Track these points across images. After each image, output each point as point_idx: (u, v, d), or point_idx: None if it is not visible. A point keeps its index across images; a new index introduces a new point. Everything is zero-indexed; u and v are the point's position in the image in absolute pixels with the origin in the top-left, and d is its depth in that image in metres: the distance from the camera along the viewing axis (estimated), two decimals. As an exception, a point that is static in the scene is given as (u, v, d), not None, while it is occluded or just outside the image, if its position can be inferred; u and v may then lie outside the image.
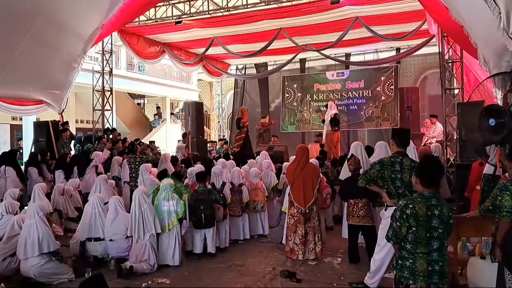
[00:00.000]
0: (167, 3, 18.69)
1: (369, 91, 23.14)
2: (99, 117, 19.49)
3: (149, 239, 9.44)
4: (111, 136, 18.10)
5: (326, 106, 21.20)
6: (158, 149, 19.93)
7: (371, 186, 7.70)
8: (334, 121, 20.00)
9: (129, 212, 9.83)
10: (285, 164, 13.54)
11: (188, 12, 18.62)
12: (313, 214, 10.08)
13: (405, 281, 5.24)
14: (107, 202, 10.24)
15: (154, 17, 19.30)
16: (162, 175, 11.44)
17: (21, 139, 21.82)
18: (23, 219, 9.07)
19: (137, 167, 14.13)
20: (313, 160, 11.53)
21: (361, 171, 9.56)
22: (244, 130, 21.41)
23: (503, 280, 5.58)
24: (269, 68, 27.50)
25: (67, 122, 17.57)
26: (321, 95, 24.50)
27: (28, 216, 8.87)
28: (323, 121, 21.00)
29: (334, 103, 21.98)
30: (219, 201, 10.54)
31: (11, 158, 13.88)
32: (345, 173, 10.42)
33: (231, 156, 17.76)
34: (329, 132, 20.04)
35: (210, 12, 18.31)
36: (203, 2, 18.33)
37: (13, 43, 12.76)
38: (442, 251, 5.20)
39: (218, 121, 32.55)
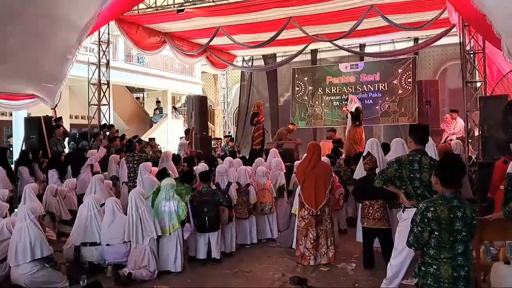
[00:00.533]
0: (168, -11, 18.64)
1: (385, 84, 23.13)
2: (95, 113, 19.44)
3: (148, 244, 9.40)
4: (107, 133, 18.08)
5: (347, 100, 21.05)
6: (159, 147, 19.97)
7: (388, 186, 7.65)
8: (356, 116, 19.88)
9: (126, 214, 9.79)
10: (297, 162, 13.29)
11: (191, -1, 18.53)
12: (325, 216, 10.03)
13: None
14: (104, 204, 10.21)
15: (154, 5, 19.14)
16: (162, 174, 11.39)
17: (11, 136, 21.87)
18: (13, 222, 9.02)
19: (135, 166, 14.02)
20: (324, 159, 11.50)
21: (377, 170, 9.55)
22: (260, 126, 21.44)
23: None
24: (278, 59, 27.44)
25: (60, 118, 17.57)
26: (334, 88, 24.45)
27: (18, 219, 8.80)
28: (347, 116, 20.76)
29: (331, 107, 22.13)
30: (224, 202, 10.46)
31: (0, 156, 13.85)
32: (360, 172, 10.37)
33: (237, 154, 17.81)
34: (351, 128, 19.95)
35: (214, -1, 18.23)
36: (207, -11, 18.21)
37: (2, 34, 12.72)
38: (467, 255, 5.12)
39: (223, 117, 32.51)
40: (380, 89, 23.27)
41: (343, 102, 22.68)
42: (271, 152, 15.06)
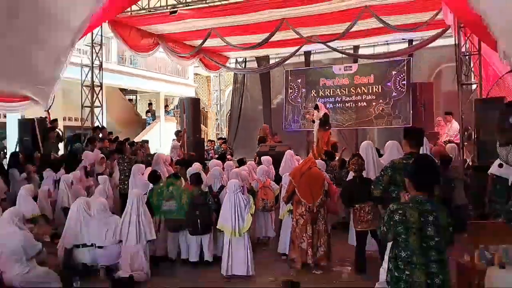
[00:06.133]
0: (161, -9, 18.62)
1: (379, 86, 23.03)
2: (88, 115, 19.37)
3: (144, 246, 9.51)
4: (100, 135, 17.96)
5: (316, 107, 20.24)
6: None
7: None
8: (325, 121, 19.33)
9: (120, 215, 9.94)
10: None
11: (184, 1, 18.48)
12: (320, 217, 10.00)
13: None
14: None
15: (147, 7, 19.10)
16: (153, 177, 11.43)
17: (4, 138, 21.79)
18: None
19: (125, 168, 14.26)
20: (318, 162, 11.56)
21: (364, 173, 9.90)
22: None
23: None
24: (271, 61, 27.40)
25: (56, 120, 17.42)
26: (327, 91, 24.36)
27: (3, 225, 8.79)
28: (313, 121, 20.12)
29: (323, 103, 21.63)
30: (212, 206, 10.41)
31: (-6, 158, 13.80)
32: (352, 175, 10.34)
33: (227, 156, 17.85)
34: (321, 132, 19.29)
35: (207, 1, 18.12)
36: (200, -9, 18.19)
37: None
38: (443, 263, 5.07)
39: (216, 119, 32.53)
40: (374, 91, 23.15)
41: (309, 109, 22.97)
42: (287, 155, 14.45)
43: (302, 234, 9.97)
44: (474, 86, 15.51)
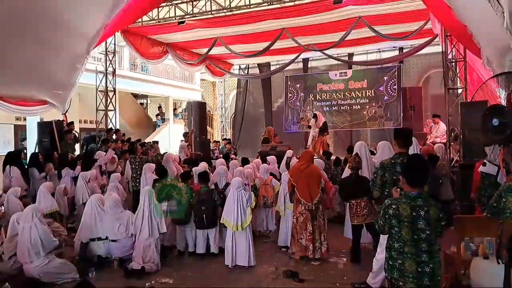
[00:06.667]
0: (170, 3, 18.53)
1: (372, 91, 23.00)
2: (102, 117, 19.37)
3: (155, 239, 9.59)
4: (114, 136, 17.99)
5: (315, 116, 20.90)
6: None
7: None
8: (324, 128, 20.30)
9: (132, 211, 10.11)
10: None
11: (191, 12, 18.46)
12: (319, 213, 10.06)
13: (396, 283, 5.27)
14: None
15: (157, 17, 19.10)
16: (161, 174, 11.48)
17: (25, 139, 21.79)
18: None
19: (137, 167, 14.28)
20: (316, 161, 11.44)
21: (360, 172, 9.83)
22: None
23: (509, 281, 5.62)
24: (272, 68, 27.39)
25: (72, 123, 17.36)
26: (324, 95, 24.34)
27: (24, 220, 8.84)
28: (309, 127, 21.01)
29: (321, 113, 22.33)
30: (217, 202, 10.43)
31: (16, 158, 13.94)
32: (347, 172, 10.33)
33: (230, 156, 17.93)
34: (319, 137, 20.18)
35: (212, 12, 18.09)
36: (205, 3, 18.11)
37: (17, 44, 12.71)
38: (433, 254, 5.18)
39: (221, 121, 32.55)
40: (367, 95, 23.13)
41: (303, 116, 23.86)
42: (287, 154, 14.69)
43: (302, 230, 10.02)
44: (460, 91, 15.45)
